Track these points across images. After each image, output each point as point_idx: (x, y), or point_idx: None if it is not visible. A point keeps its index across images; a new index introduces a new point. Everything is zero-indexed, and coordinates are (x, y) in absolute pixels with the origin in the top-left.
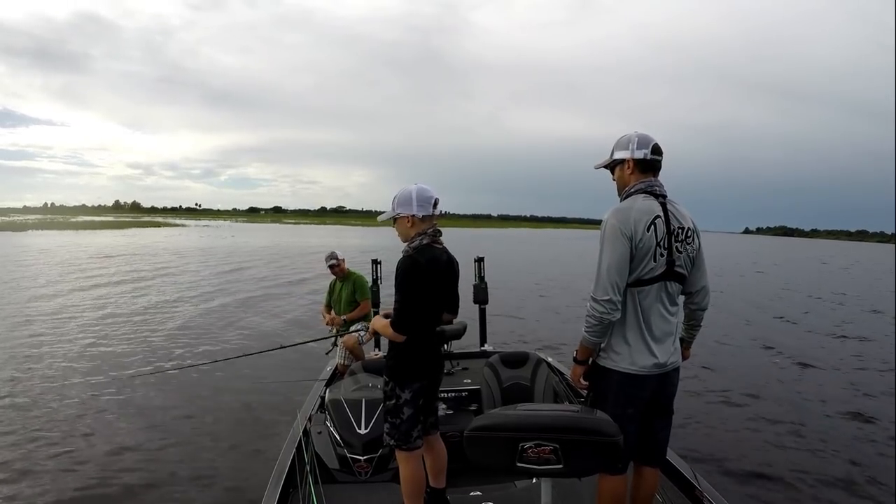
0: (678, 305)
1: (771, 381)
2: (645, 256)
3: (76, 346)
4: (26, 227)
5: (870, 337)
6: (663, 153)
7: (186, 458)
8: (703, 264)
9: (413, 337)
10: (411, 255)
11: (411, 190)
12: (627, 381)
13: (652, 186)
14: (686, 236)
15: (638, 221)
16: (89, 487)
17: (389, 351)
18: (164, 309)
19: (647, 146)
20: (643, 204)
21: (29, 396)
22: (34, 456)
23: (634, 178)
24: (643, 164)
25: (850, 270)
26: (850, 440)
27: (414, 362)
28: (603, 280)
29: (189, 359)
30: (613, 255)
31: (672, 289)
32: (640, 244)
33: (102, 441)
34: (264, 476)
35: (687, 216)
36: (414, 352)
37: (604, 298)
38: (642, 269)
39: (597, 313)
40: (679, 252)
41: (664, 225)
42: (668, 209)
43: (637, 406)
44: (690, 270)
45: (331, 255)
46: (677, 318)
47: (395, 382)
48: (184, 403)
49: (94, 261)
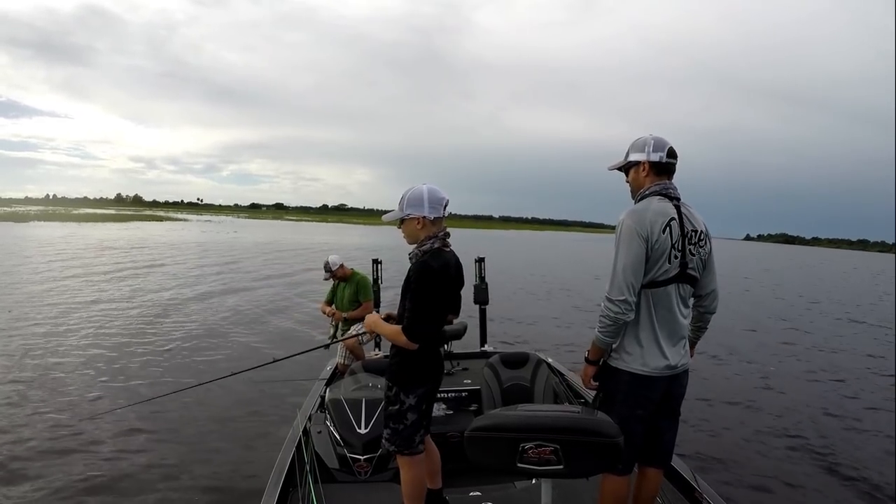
0: (689, 308)
1: (771, 383)
2: (660, 258)
3: (80, 339)
4: (29, 219)
5: (878, 345)
6: (678, 157)
7: (186, 457)
8: (713, 267)
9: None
10: (425, 261)
11: (422, 190)
12: (638, 383)
13: (667, 189)
14: (699, 239)
15: (654, 223)
16: (87, 487)
17: (393, 356)
18: (182, 306)
19: (663, 149)
20: (658, 206)
21: (21, 394)
22: (25, 454)
23: (649, 181)
24: (658, 166)
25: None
26: (851, 442)
27: (419, 367)
28: (618, 280)
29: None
30: (629, 255)
31: (684, 291)
32: (656, 245)
33: (100, 441)
34: (264, 475)
35: (700, 220)
36: (419, 356)
37: (619, 299)
38: (657, 271)
39: (611, 313)
40: (692, 255)
41: (679, 227)
42: (682, 212)
43: (647, 407)
44: (702, 273)
45: (325, 266)
46: (688, 321)
47: (399, 387)
48: (183, 403)
49: (104, 253)
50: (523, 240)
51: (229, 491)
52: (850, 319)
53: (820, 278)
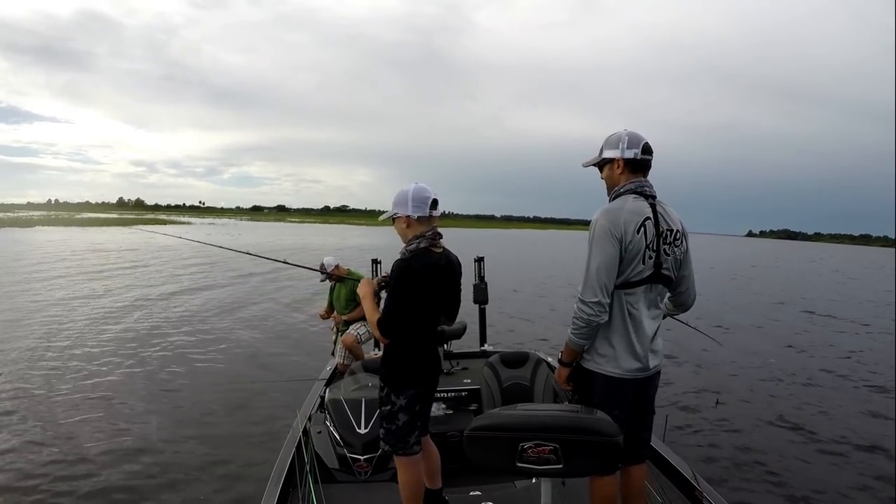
0: (661, 308)
1: (771, 381)
2: (634, 259)
3: (94, 340)
4: (33, 224)
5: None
6: (653, 153)
7: (185, 457)
8: (689, 266)
9: (406, 342)
10: (406, 259)
11: (408, 190)
12: (611, 384)
13: (642, 187)
14: (675, 238)
15: (628, 223)
16: (87, 487)
17: (384, 356)
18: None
19: (638, 145)
20: (633, 205)
21: (28, 393)
22: (23, 458)
23: (624, 178)
24: (633, 163)
25: None
26: (851, 442)
27: (409, 368)
28: (591, 282)
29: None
30: (602, 256)
31: (657, 291)
32: (630, 246)
33: (99, 441)
34: (264, 475)
35: (675, 218)
36: (409, 357)
37: (592, 300)
38: (631, 272)
39: (584, 315)
40: (667, 255)
41: (654, 227)
42: (658, 210)
43: (623, 408)
44: (677, 273)
45: (320, 268)
46: (659, 321)
47: (390, 388)
48: (183, 403)
49: (123, 254)
50: (525, 239)
51: (229, 491)
52: (853, 319)
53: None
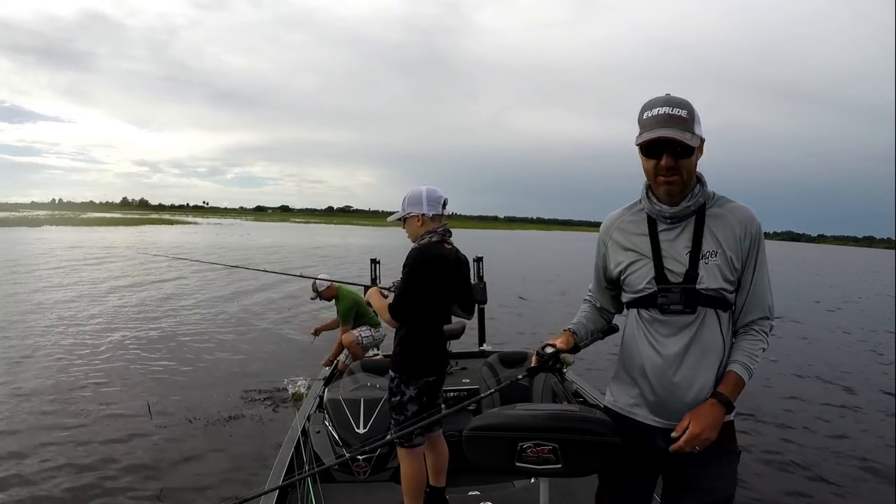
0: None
1: (771, 379)
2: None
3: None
4: (40, 223)
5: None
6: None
7: (185, 457)
8: None
9: (419, 331)
10: (419, 248)
11: (421, 190)
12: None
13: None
14: None
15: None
16: (84, 486)
17: (396, 346)
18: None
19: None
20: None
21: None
22: (17, 456)
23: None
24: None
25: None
26: (851, 441)
27: (420, 358)
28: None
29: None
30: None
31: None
32: None
33: (98, 441)
34: (263, 475)
35: None
36: (420, 347)
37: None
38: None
39: None
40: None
41: None
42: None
43: None
44: None
45: (313, 287)
46: None
47: (401, 378)
48: (182, 403)
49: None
50: (527, 240)
51: (229, 491)
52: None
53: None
